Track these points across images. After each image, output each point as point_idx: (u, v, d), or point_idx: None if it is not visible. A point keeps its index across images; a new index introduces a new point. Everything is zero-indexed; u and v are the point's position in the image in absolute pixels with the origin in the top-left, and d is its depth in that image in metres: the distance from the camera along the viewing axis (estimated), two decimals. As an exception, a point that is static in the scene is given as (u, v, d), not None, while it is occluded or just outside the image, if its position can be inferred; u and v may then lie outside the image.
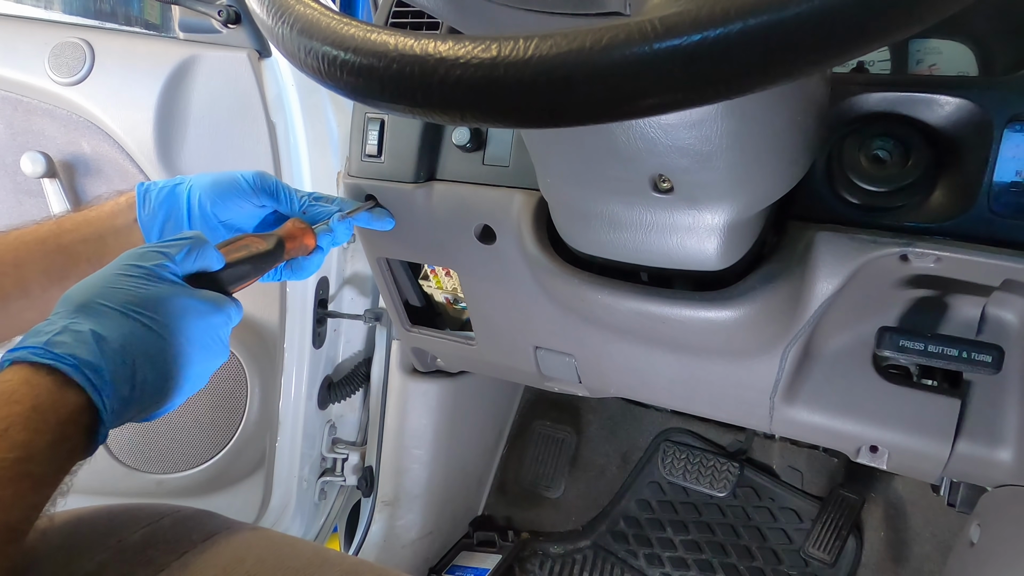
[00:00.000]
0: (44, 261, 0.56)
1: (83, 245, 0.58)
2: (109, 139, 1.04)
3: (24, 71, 1.05)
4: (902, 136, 0.59)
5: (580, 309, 0.75)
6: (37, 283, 0.55)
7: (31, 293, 0.55)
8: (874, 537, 1.18)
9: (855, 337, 0.69)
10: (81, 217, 0.61)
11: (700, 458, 1.31)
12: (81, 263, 0.57)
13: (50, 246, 0.57)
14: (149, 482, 1.13)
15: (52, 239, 0.57)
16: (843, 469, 1.24)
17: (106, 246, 0.59)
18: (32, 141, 1.07)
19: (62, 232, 0.58)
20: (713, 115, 0.44)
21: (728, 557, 1.23)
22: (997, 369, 0.58)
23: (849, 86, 0.61)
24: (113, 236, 0.60)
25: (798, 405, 0.74)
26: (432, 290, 0.99)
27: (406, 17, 0.82)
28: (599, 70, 0.24)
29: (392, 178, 0.81)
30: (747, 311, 0.63)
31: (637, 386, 0.89)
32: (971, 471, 0.69)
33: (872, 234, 0.59)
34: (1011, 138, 0.56)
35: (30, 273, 0.55)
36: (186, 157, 1.04)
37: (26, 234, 0.57)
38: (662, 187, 0.52)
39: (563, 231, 0.70)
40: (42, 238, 0.57)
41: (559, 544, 1.34)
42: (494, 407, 1.44)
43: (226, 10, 0.98)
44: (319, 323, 1.14)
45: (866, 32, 0.23)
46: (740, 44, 0.23)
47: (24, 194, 1.10)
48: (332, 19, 0.29)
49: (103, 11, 1.13)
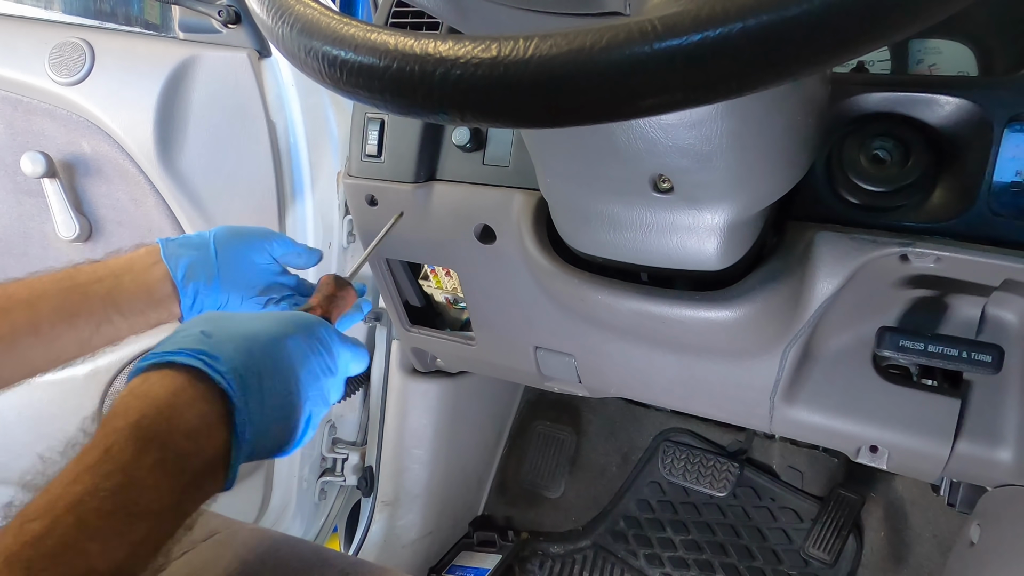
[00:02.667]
0: (57, 298, 0.55)
1: (98, 284, 0.57)
2: (109, 139, 1.04)
3: (24, 71, 1.05)
4: (902, 136, 0.59)
5: (580, 309, 0.75)
6: (47, 320, 0.54)
7: (40, 331, 0.54)
8: (874, 537, 1.18)
9: (855, 337, 0.69)
10: (99, 263, 0.60)
11: (700, 458, 1.31)
12: (94, 301, 0.56)
13: (64, 284, 0.56)
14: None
15: (67, 279, 0.57)
16: (843, 469, 1.24)
17: (121, 284, 0.58)
18: (32, 141, 1.06)
19: (78, 272, 0.58)
20: (713, 115, 0.44)
21: (728, 557, 1.23)
22: (997, 369, 0.58)
23: (849, 86, 0.61)
24: (130, 275, 0.59)
25: (798, 405, 0.74)
26: (432, 290, 0.99)
27: (406, 17, 0.82)
28: (599, 70, 0.24)
29: (392, 178, 0.81)
30: (747, 311, 0.63)
31: (637, 386, 0.89)
32: (971, 471, 0.69)
33: (872, 234, 0.59)
34: (1011, 138, 0.56)
35: (42, 310, 0.54)
36: (186, 157, 1.04)
37: (43, 274, 0.57)
38: (662, 187, 0.52)
39: (563, 231, 0.70)
40: (57, 278, 0.57)
41: (559, 544, 1.34)
42: (494, 407, 1.44)
43: (226, 10, 0.98)
44: (319, 323, 1.14)
45: (867, 32, 0.23)
46: (740, 44, 0.23)
47: (24, 194, 1.09)
48: (332, 19, 0.29)
49: (103, 11, 1.13)
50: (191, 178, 1.04)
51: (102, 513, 0.36)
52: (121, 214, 1.08)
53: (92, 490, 0.36)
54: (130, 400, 0.41)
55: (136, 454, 0.38)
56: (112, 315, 0.57)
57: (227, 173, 1.05)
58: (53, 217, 1.04)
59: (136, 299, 0.58)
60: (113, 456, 0.38)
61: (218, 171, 1.05)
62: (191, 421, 0.41)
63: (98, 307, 0.57)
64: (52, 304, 0.55)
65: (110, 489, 0.37)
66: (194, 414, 0.42)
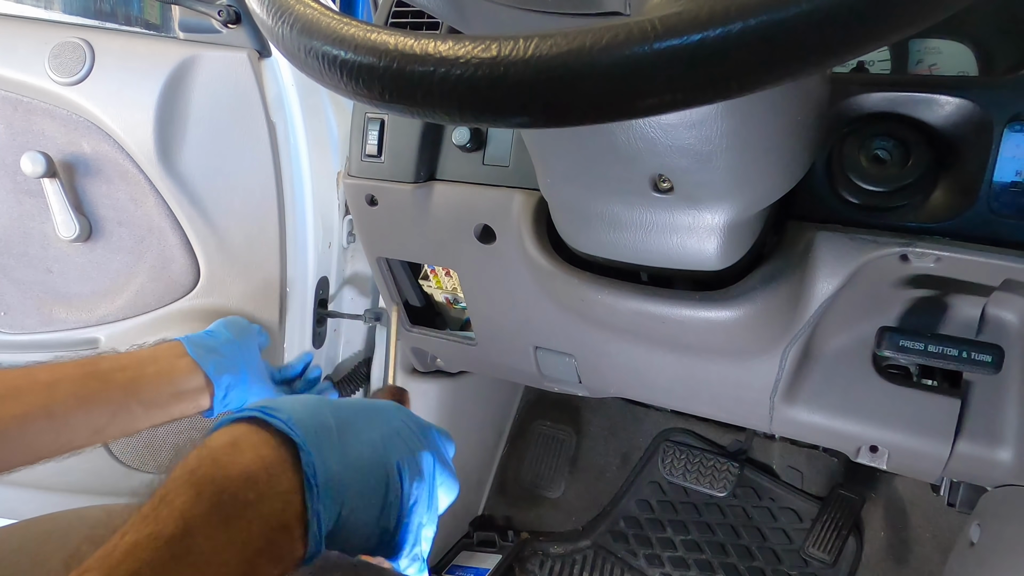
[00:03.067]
0: (76, 384, 0.55)
1: (120, 373, 0.57)
2: (109, 139, 1.04)
3: (24, 71, 1.05)
4: (902, 136, 0.59)
5: (580, 309, 0.75)
6: (63, 404, 0.54)
7: (54, 415, 0.53)
8: (874, 537, 1.18)
9: (855, 337, 0.69)
10: (124, 353, 0.60)
11: (700, 458, 1.31)
12: (113, 388, 0.56)
13: (86, 370, 0.56)
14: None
15: (90, 364, 0.57)
16: (843, 469, 1.24)
17: (144, 374, 0.58)
18: (32, 141, 1.06)
19: (101, 360, 0.58)
20: (713, 115, 0.44)
21: (728, 557, 1.23)
22: (997, 369, 0.58)
23: (849, 86, 0.61)
24: (154, 366, 0.59)
25: (798, 405, 0.74)
26: (432, 290, 0.99)
27: (406, 17, 0.82)
28: (599, 70, 0.24)
29: (392, 178, 0.81)
30: (747, 311, 0.63)
31: (637, 386, 0.89)
32: (971, 471, 0.69)
33: (872, 234, 0.59)
34: (1011, 138, 0.56)
35: (60, 394, 0.54)
36: (186, 157, 1.04)
37: (66, 360, 0.57)
38: (662, 187, 0.52)
39: (563, 231, 0.70)
40: (81, 363, 0.57)
41: (559, 544, 1.34)
42: (494, 407, 1.44)
43: (226, 10, 0.98)
44: (319, 323, 1.14)
45: (867, 32, 0.23)
46: (740, 44, 0.23)
47: (24, 194, 1.09)
48: (332, 19, 0.29)
49: (103, 11, 1.13)
50: (191, 178, 1.04)
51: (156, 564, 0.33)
52: (121, 214, 1.08)
53: (148, 537, 0.34)
54: (190, 454, 0.39)
55: (193, 499, 0.35)
56: (132, 404, 0.56)
57: (227, 173, 1.05)
58: (53, 217, 1.04)
59: (160, 390, 0.58)
60: (169, 502, 0.35)
61: (218, 171, 1.05)
62: (250, 465, 0.37)
63: (117, 395, 0.56)
64: (70, 389, 0.54)
65: (167, 537, 0.34)
66: (251, 457, 0.38)
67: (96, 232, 1.09)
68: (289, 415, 0.41)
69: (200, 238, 1.07)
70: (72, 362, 0.56)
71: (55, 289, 1.13)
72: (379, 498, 0.43)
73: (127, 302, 1.11)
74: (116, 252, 1.10)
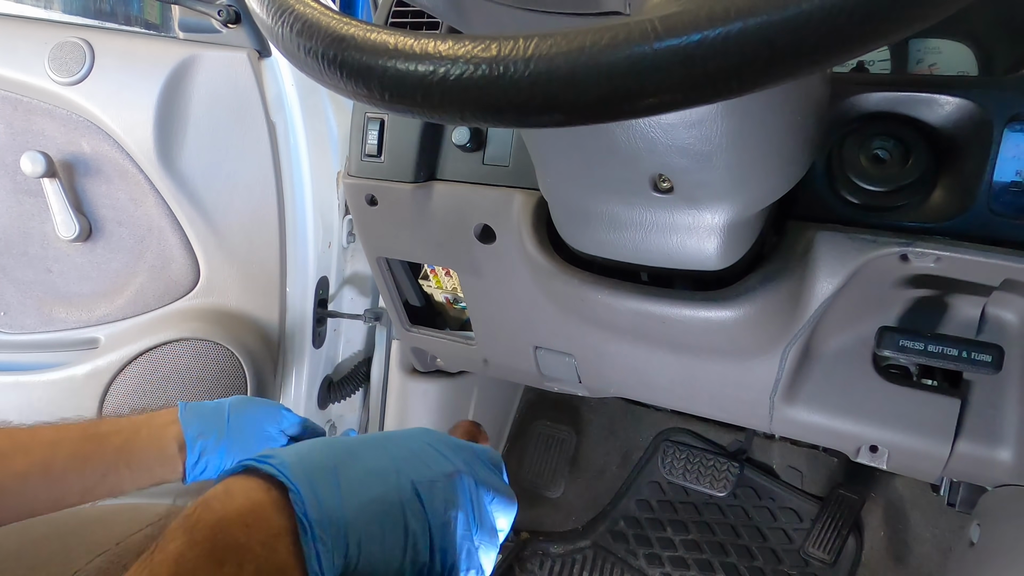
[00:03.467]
0: (75, 444, 0.57)
1: (116, 435, 0.59)
2: (109, 139, 1.04)
3: (24, 71, 1.05)
4: (902, 136, 0.59)
5: (580, 309, 0.75)
6: (61, 464, 0.55)
7: (52, 473, 0.55)
8: (874, 537, 1.18)
9: (855, 337, 0.69)
10: (124, 417, 0.62)
11: (700, 458, 1.31)
12: (107, 449, 0.57)
13: (88, 431, 0.58)
14: (149, 482, 1.13)
15: (91, 427, 0.59)
16: (843, 469, 1.24)
17: (137, 437, 0.59)
18: (32, 141, 1.07)
19: (102, 422, 0.60)
20: (713, 115, 0.44)
21: (728, 557, 1.23)
22: (997, 369, 0.58)
23: (849, 86, 0.61)
24: (147, 429, 0.60)
25: (798, 405, 0.74)
26: (432, 290, 0.99)
27: (406, 17, 0.82)
28: (599, 70, 0.24)
29: (392, 178, 0.81)
30: (747, 311, 0.63)
31: (637, 386, 0.89)
32: (971, 471, 0.69)
33: (872, 234, 0.59)
34: (1011, 138, 0.56)
35: (59, 453, 0.56)
36: (186, 157, 1.04)
37: (73, 422, 0.59)
38: (662, 187, 0.52)
39: (563, 231, 0.70)
40: (83, 425, 0.59)
41: (559, 544, 1.34)
42: (494, 407, 1.44)
43: (226, 10, 0.98)
44: (319, 323, 1.14)
45: (866, 32, 0.23)
46: (740, 44, 0.23)
47: (24, 194, 1.10)
48: (332, 19, 0.29)
49: (103, 11, 1.13)
50: (191, 178, 1.04)
51: None
52: (121, 214, 1.08)
53: None
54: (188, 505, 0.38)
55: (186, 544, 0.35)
56: (120, 466, 0.58)
57: (227, 173, 1.05)
58: (53, 217, 1.04)
59: (146, 453, 0.59)
60: (163, 548, 0.35)
61: (218, 171, 1.05)
62: (240, 508, 0.37)
63: (110, 456, 0.57)
64: (70, 449, 0.56)
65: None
66: (242, 500, 0.38)
67: (96, 232, 1.10)
68: (282, 460, 0.40)
69: (200, 238, 1.07)
70: (77, 425, 0.59)
71: (55, 289, 1.13)
72: (398, 527, 0.41)
73: (127, 302, 1.11)
74: (116, 252, 1.10)
